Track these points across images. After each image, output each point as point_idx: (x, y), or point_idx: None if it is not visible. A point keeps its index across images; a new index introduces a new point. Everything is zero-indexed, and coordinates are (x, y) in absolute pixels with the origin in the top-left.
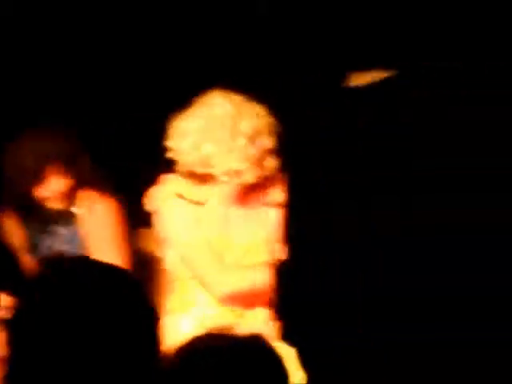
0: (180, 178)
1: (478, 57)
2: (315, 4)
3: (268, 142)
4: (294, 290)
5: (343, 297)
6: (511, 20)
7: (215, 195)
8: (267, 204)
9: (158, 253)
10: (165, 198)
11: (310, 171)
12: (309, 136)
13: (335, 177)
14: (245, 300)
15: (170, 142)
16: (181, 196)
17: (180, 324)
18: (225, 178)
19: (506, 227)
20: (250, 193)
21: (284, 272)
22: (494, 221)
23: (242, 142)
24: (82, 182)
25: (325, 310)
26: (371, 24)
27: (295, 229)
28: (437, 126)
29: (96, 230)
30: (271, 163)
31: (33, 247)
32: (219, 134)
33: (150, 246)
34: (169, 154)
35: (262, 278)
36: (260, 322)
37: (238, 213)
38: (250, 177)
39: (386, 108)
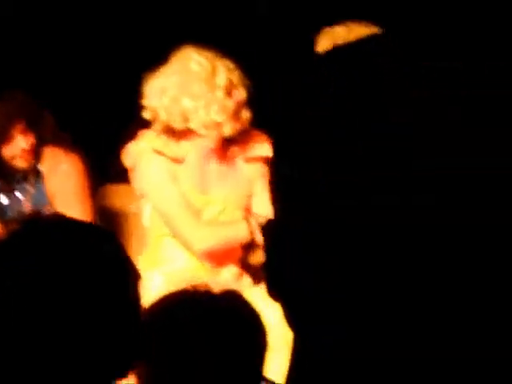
0: (158, 134)
1: (478, 57)
2: (315, 4)
3: (242, 94)
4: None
5: (339, 295)
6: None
7: (193, 151)
8: (245, 159)
9: (132, 209)
10: (142, 154)
11: (310, 171)
12: (309, 135)
13: (335, 177)
14: (220, 257)
15: (146, 101)
16: (158, 152)
17: (152, 281)
18: (203, 132)
19: (506, 228)
20: (228, 148)
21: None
22: (494, 221)
23: (219, 94)
24: (46, 139)
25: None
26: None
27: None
28: (437, 126)
29: (60, 186)
30: (246, 115)
31: (0, 209)
32: (197, 88)
33: (119, 202)
34: (145, 113)
35: (239, 234)
36: (233, 278)
37: (216, 168)
38: (228, 129)
39: (383, 108)
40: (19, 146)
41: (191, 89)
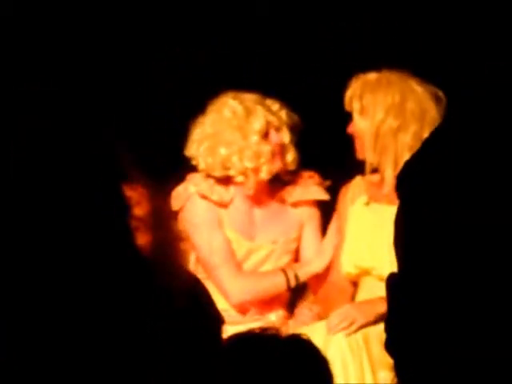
0: (205, 178)
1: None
2: (316, 4)
3: (284, 136)
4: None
5: None
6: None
7: (238, 196)
8: (294, 203)
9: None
10: (188, 197)
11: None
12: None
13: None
14: (262, 304)
15: (188, 150)
16: (204, 196)
17: None
18: (240, 179)
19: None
20: (275, 190)
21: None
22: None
23: (253, 139)
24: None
25: None
26: (373, 24)
27: None
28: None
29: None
30: (291, 157)
31: None
32: (230, 136)
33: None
34: (191, 161)
35: (276, 286)
36: (279, 322)
37: (262, 213)
38: (265, 174)
39: None
40: None
41: (225, 136)
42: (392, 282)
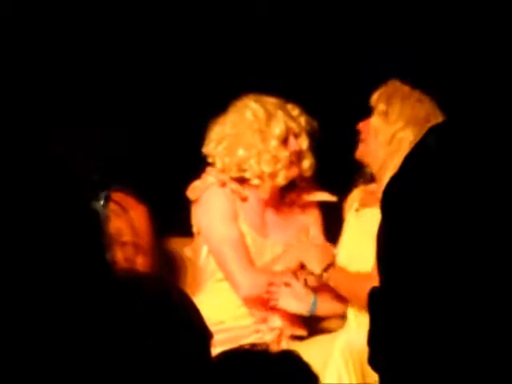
0: (223, 173)
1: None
2: (316, 4)
3: (303, 142)
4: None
5: None
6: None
7: (252, 196)
8: (302, 204)
9: (186, 253)
10: (207, 187)
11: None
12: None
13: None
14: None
15: (206, 148)
16: (224, 184)
17: None
18: (256, 182)
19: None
20: (288, 194)
21: None
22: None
23: (273, 144)
24: None
25: None
26: (373, 22)
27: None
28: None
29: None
30: (308, 163)
31: None
32: (250, 139)
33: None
34: (208, 159)
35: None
36: (282, 326)
37: (273, 215)
38: (281, 179)
39: None
40: None
41: (244, 139)
42: (374, 296)
